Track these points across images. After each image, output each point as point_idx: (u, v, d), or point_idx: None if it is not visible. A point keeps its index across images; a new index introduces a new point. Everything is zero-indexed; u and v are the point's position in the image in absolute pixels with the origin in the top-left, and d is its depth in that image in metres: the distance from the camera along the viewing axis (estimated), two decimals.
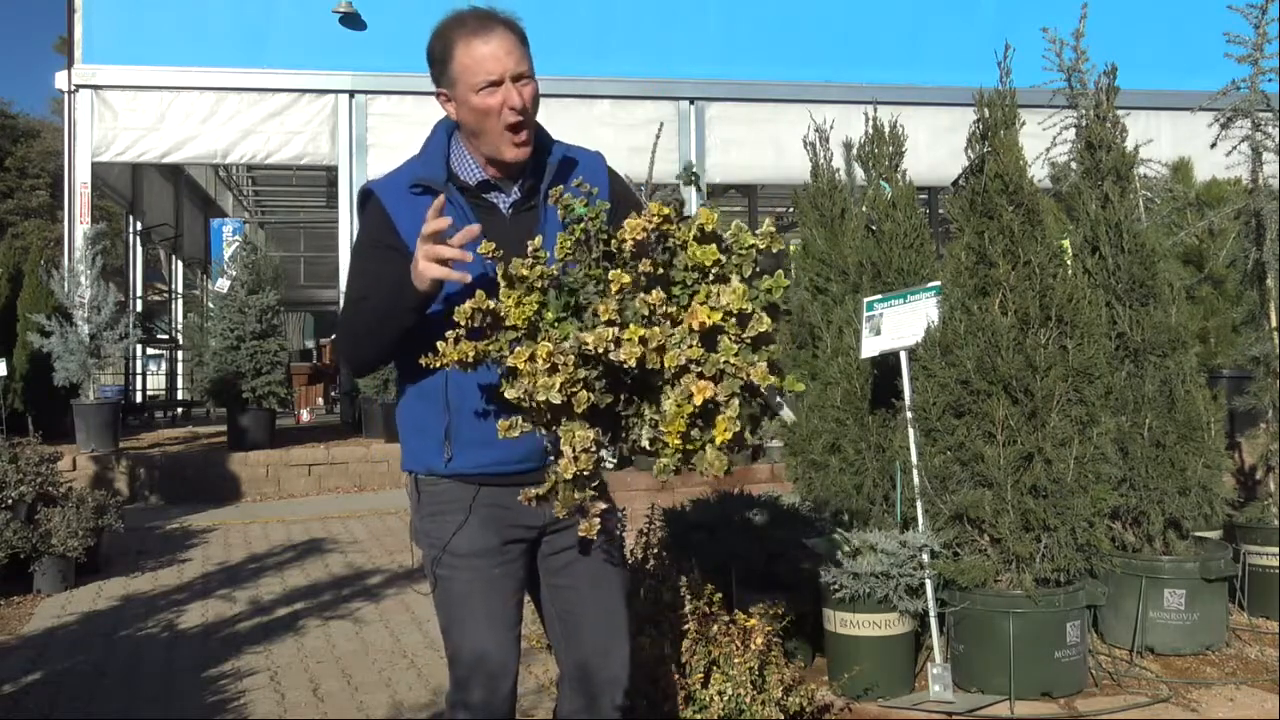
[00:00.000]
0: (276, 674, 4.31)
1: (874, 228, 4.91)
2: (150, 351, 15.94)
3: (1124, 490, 4.20)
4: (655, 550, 3.84)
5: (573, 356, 1.77)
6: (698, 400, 1.75)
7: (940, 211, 14.35)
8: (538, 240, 1.86)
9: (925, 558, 3.72)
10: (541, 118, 2.19)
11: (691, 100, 12.37)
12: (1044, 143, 5.05)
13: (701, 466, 1.81)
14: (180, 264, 17.23)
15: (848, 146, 5.86)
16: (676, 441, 1.77)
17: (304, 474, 9.42)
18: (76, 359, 9.00)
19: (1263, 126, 5.03)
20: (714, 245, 1.79)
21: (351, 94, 11.89)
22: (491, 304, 1.83)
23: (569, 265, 1.87)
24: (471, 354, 1.84)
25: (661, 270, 1.82)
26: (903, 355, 3.99)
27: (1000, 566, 3.76)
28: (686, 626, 3.10)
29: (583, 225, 1.84)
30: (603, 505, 1.90)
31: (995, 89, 4.04)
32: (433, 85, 2.12)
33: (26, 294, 10.44)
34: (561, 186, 1.94)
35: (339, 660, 4.48)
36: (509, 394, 1.81)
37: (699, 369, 1.76)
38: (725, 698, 2.96)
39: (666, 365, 1.76)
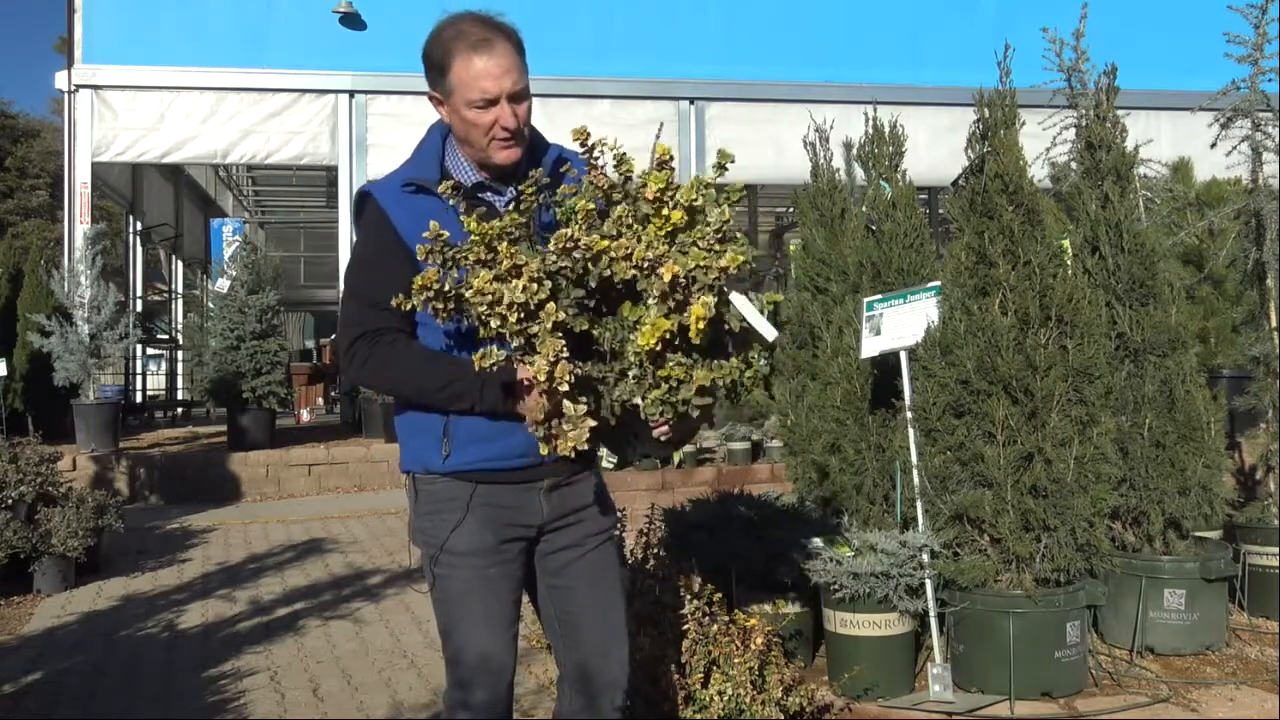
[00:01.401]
0: (276, 674, 4.31)
1: (874, 228, 4.91)
2: (150, 351, 15.94)
3: (1124, 490, 4.20)
4: (655, 550, 3.84)
5: (538, 263, 1.82)
6: (666, 277, 1.77)
7: (940, 211, 14.35)
8: (514, 204, 1.94)
9: (925, 558, 3.72)
10: (541, 118, 2.19)
11: (691, 100, 12.37)
12: (1044, 143, 5.05)
13: (685, 395, 1.82)
14: (180, 264, 17.22)
15: (848, 146, 5.85)
16: (651, 341, 1.78)
17: (304, 474, 9.42)
18: (76, 359, 9.00)
19: (1263, 126, 5.03)
20: (666, 170, 1.86)
21: (351, 94, 11.89)
22: (446, 234, 1.91)
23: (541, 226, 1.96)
24: (435, 280, 1.89)
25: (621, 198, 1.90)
26: (903, 355, 3.99)
27: (1000, 566, 3.76)
28: (686, 626, 3.10)
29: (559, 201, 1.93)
30: (592, 422, 1.88)
31: (995, 89, 4.03)
32: (427, 86, 2.13)
33: (26, 294, 10.44)
34: (541, 168, 2.00)
35: (339, 660, 4.48)
36: (469, 293, 1.85)
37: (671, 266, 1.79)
38: (725, 698, 2.96)
39: (637, 261, 1.79)
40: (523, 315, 1.82)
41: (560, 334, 1.82)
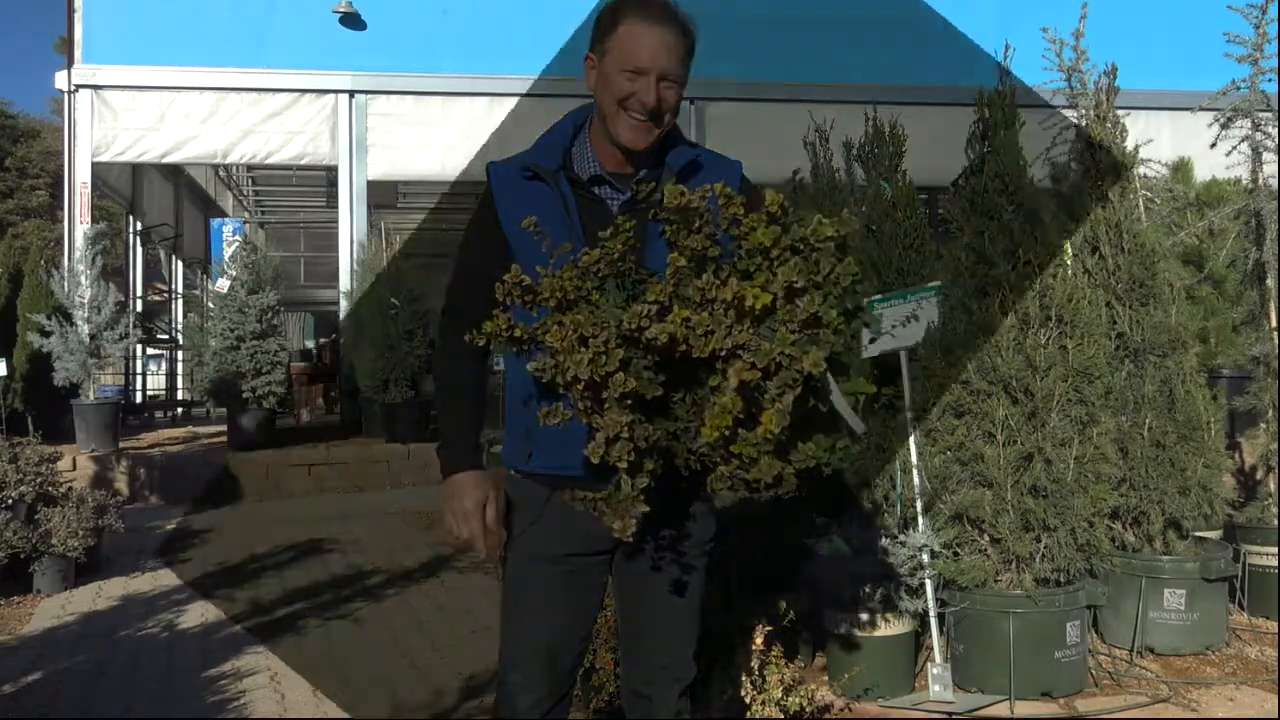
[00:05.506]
0: (276, 674, 4.30)
1: (874, 228, 4.91)
2: (150, 351, 15.95)
3: (1124, 490, 4.20)
4: None
5: (608, 332, 1.67)
6: (733, 382, 1.61)
7: (940, 211, 14.34)
8: (611, 231, 1.79)
9: (925, 558, 3.72)
10: (540, 118, 2.18)
11: (691, 100, 12.36)
12: (1044, 143, 5.05)
13: (755, 475, 1.69)
14: (180, 264, 17.23)
15: (848, 147, 5.85)
16: (713, 435, 1.63)
17: (304, 474, 9.41)
18: (76, 359, 9.00)
19: (1263, 126, 5.04)
20: (777, 226, 1.70)
21: (351, 94, 11.89)
22: (527, 279, 1.79)
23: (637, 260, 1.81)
24: (505, 325, 1.79)
25: (718, 250, 1.75)
26: (903, 355, 3.99)
27: (1000, 566, 3.76)
28: None
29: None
30: (645, 508, 1.76)
31: (995, 89, 4.04)
32: (589, 47, 2.12)
33: (26, 294, 10.44)
34: (654, 183, 1.94)
35: (339, 660, 4.47)
36: (530, 366, 1.77)
37: (750, 357, 1.63)
38: (725, 697, 2.96)
39: (714, 348, 1.63)
40: (588, 390, 1.69)
41: (629, 402, 1.69)
